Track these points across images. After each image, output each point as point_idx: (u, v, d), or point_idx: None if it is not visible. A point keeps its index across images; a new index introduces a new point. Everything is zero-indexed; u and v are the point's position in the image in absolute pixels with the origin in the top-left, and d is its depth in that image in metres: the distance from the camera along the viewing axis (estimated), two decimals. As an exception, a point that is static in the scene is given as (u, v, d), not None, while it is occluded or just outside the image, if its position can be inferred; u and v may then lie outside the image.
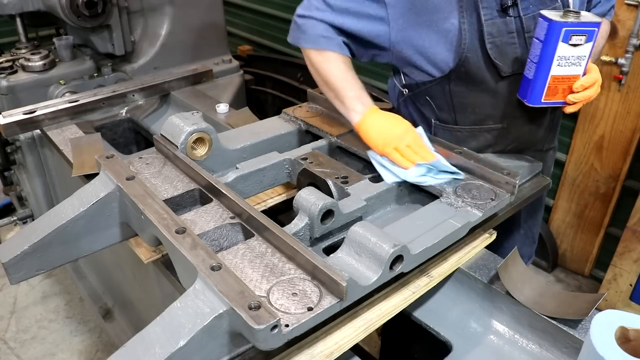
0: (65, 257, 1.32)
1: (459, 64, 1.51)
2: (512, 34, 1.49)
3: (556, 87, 1.45)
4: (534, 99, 1.47)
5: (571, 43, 1.38)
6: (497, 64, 1.51)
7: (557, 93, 1.46)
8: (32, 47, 2.72)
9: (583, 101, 1.47)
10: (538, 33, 1.41)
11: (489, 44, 1.48)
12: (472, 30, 1.48)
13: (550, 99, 1.47)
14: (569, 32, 1.37)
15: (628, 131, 2.67)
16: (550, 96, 1.46)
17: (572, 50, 1.39)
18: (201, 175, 1.32)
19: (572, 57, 1.41)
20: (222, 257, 1.09)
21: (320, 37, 1.56)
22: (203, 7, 2.96)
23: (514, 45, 1.50)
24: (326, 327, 1.08)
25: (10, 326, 2.88)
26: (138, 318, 1.97)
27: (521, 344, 1.21)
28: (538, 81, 1.44)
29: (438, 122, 1.70)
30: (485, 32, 1.46)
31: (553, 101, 1.48)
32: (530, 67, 1.45)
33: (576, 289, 3.09)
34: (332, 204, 1.19)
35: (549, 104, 1.48)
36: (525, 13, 1.48)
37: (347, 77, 1.55)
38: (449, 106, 1.64)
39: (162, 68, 2.80)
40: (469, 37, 1.48)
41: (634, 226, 2.58)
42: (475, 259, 1.33)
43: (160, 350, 0.90)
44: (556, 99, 1.47)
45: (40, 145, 2.10)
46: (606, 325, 0.84)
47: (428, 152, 1.42)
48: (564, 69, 1.42)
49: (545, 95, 1.46)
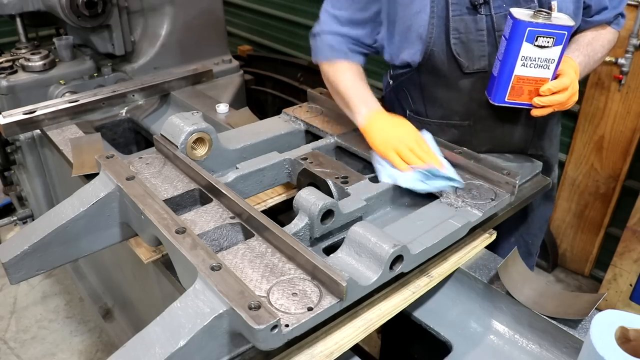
0: (65, 257, 1.32)
1: (424, 57, 1.53)
2: (482, 32, 1.48)
3: (521, 87, 1.43)
4: (497, 97, 1.46)
5: (537, 44, 1.36)
6: (460, 60, 1.51)
7: (522, 94, 1.44)
8: (32, 47, 2.72)
9: (551, 106, 1.43)
10: (505, 31, 1.39)
11: (454, 40, 1.48)
12: (440, 25, 1.48)
13: (515, 99, 1.45)
14: (534, 33, 1.35)
15: (628, 131, 2.67)
16: (515, 96, 1.45)
17: (539, 51, 1.37)
18: (201, 175, 1.32)
19: (539, 58, 1.38)
20: (222, 257, 1.09)
21: (328, 49, 1.61)
22: (203, 7, 2.96)
23: (481, 43, 1.50)
24: (326, 327, 1.08)
25: (10, 326, 2.88)
26: (138, 318, 1.97)
27: (521, 344, 1.21)
28: (502, 79, 1.43)
29: (412, 114, 1.73)
30: (451, 27, 1.47)
31: (518, 102, 1.45)
32: (496, 64, 1.44)
33: (576, 289, 3.09)
34: (332, 204, 1.19)
35: (513, 104, 1.46)
36: (497, 12, 1.47)
37: (354, 84, 1.57)
38: (420, 98, 1.67)
39: (162, 68, 2.80)
40: (436, 32, 1.49)
41: (634, 226, 2.58)
42: (475, 259, 1.33)
43: (160, 350, 0.90)
44: (522, 99, 1.45)
45: (40, 145, 2.10)
46: (606, 325, 0.84)
47: (431, 155, 1.41)
48: (530, 70, 1.40)
49: (509, 94, 1.44)
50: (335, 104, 1.76)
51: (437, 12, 1.47)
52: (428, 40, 1.50)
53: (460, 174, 1.41)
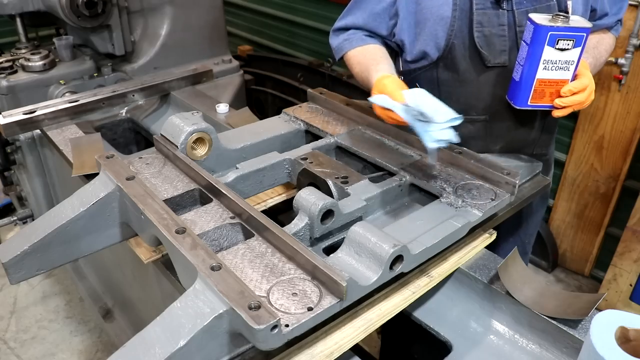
0: (65, 257, 1.32)
1: (445, 51, 1.55)
2: (503, 27, 1.51)
3: (543, 90, 1.45)
4: (520, 101, 1.48)
5: (558, 47, 1.38)
6: (483, 53, 1.53)
7: (544, 96, 1.46)
8: (32, 47, 2.72)
9: (572, 106, 1.46)
10: (525, 36, 1.41)
11: (477, 32, 1.51)
12: (462, 18, 1.51)
13: (537, 102, 1.47)
14: (555, 37, 1.37)
15: (628, 131, 2.67)
16: (537, 99, 1.46)
17: (559, 54, 1.39)
18: (201, 175, 1.32)
19: (560, 61, 1.40)
20: (222, 257, 1.09)
21: (344, 42, 1.69)
22: (203, 7, 2.96)
23: (502, 38, 1.52)
24: (326, 327, 1.08)
25: (10, 326, 2.88)
26: (138, 318, 1.97)
27: (521, 344, 1.21)
28: (524, 84, 1.45)
29: None
30: (475, 20, 1.49)
31: (540, 104, 1.47)
32: (517, 69, 1.46)
33: (576, 289, 3.09)
34: (332, 204, 1.19)
35: (536, 107, 1.48)
36: (519, 7, 1.50)
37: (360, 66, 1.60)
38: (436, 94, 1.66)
39: (162, 68, 2.80)
40: (458, 25, 1.51)
41: (634, 226, 2.58)
42: (475, 259, 1.33)
43: (160, 350, 0.90)
44: (543, 102, 1.47)
45: (40, 145, 2.10)
46: (606, 325, 0.84)
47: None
48: (551, 73, 1.42)
49: (531, 98, 1.46)
50: (335, 103, 1.76)
51: (460, 4, 1.50)
52: (450, 33, 1.53)
53: (460, 174, 1.42)
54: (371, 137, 1.62)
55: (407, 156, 1.52)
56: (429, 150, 1.33)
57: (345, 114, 1.73)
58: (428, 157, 1.42)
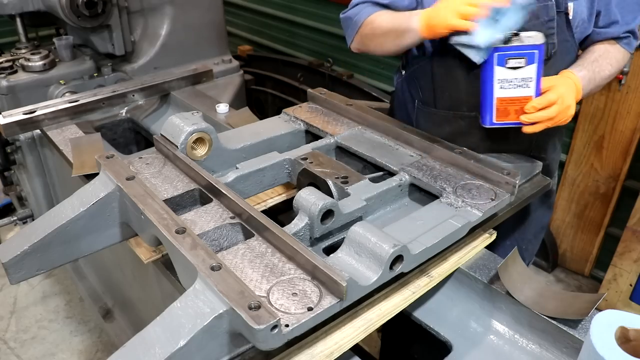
0: (65, 257, 1.32)
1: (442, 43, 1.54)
2: None
3: (506, 108, 1.45)
4: (486, 119, 1.50)
5: (509, 66, 1.39)
6: None
7: (509, 114, 1.46)
8: (32, 47, 2.72)
9: (542, 122, 1.43)
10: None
11: None
12: None
13: (503, 120, 1.47)
14: (502, 56, 1.38)
15: (628, 131, 2.67)
16: (502, 117, 1.47)
17: (513, 72, 1.40)
18: (201, 175, 1.32)
19: (515, 79, 1.40)
20: (222, 257, 1.09)
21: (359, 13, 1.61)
22: (203, 7, 2.96)
23: None
24: (326, 327, 1.08)
25: (10, 326, 2.88)
26: (138, 318, 1.97)
27: (521, 344, 1.21)
28: (486, 103, 1.47)
29: (421, 104, 1.76)
30: None
31: (507, 122, 1.48)
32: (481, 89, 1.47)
33: (576, 289, 3.09)
34: (332, 204, 1.19)
35: (503, 124, 1.49)
36: None
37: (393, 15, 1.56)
38: (431, 89, 1.70)
39: (162, 68, 2.80)
40: None
41: (634, 226, 2.58)
42: (475, 259, 1.33)
43: (160, 350, 0.90)
44: (509, 119, 1.47)
45: (40, 145, 2.10)
46: (606, 325, 0.84)
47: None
48: (510, 91, 1.42)
49: (496, 116, 1.47)
50: (335, 103, 1.76)
51: None
52: None
53: (460, 174, 1.42)
54: (371, 137, 1.62)
55: (407, 156, 1.52)
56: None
57: (345, 114, 1.73)
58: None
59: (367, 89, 3.34)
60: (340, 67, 3.75)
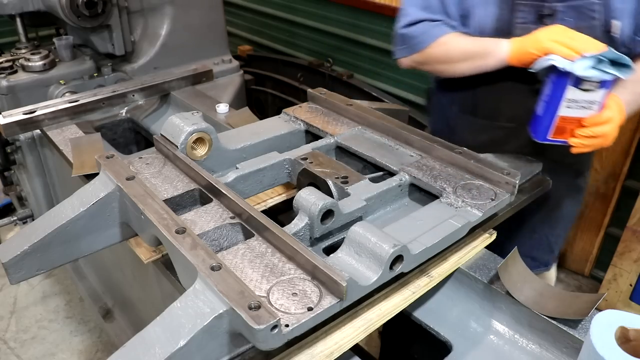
0: (65, 257, 1.32)
1: None
2: None
3: (564, 127, 1.45)
4: (540, 135, 1.49)
5: (582, 88, 1.37)
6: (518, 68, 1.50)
7: (565, 132, 1.46)
8: (32, 47, 2.72)
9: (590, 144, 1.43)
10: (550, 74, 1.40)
11: None
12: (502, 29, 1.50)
13: (557, 137, 1.48)
14: (580, 79, 1.35)
15: (628, 131, 2.67)
16: (558, 135, 1.47)
17: (583, 94, 1.38)
18: (201, 175, 1.32)
19: (584, 101, 1.39)
20: (222, 257, 1.09)
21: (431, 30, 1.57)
22: (203, 7, 2.96)
23: None
24: (326, 327, 1.08)
25: (10, 326, 2.88)
26: (138, 318, 1.97)
27: (521, 344, 1.21)
28: (546, 119, 1.45)
29: (460, 112, 1.75)
30: (515, 34, 1.47)
31: (559, 139, 1.48)
32: (540, 104, 1.46)
33: (576, 289, 3.09)
34: (332, 204, 1.19)
35: (555, 142, 1.49)
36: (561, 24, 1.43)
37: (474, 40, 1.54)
38: (471, 97, 1.69)
39: (162, 68, 2.80)
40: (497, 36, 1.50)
41: (634, 226, 2.58)
42: (475, 259, 1.33)
43: (160, 350, 0.90)
44: (564, 137, 1.47)
45: (40, 145, 2.10)
46: (606, 325, 0.84)
47: (596, 43, 1.34)
48: (574, 111, 1.41)
49: (552, 133, 1.47)
50: (335, 103, 1.76)
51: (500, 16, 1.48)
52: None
53: (460, 174, 1.42)
54: (371, 137, 1.62)
55: (407, 156, 1.52)
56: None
57: (345, 114, 1.73)
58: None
59: (367, 89, 3.34)
60: (340, 67, 3.75)
